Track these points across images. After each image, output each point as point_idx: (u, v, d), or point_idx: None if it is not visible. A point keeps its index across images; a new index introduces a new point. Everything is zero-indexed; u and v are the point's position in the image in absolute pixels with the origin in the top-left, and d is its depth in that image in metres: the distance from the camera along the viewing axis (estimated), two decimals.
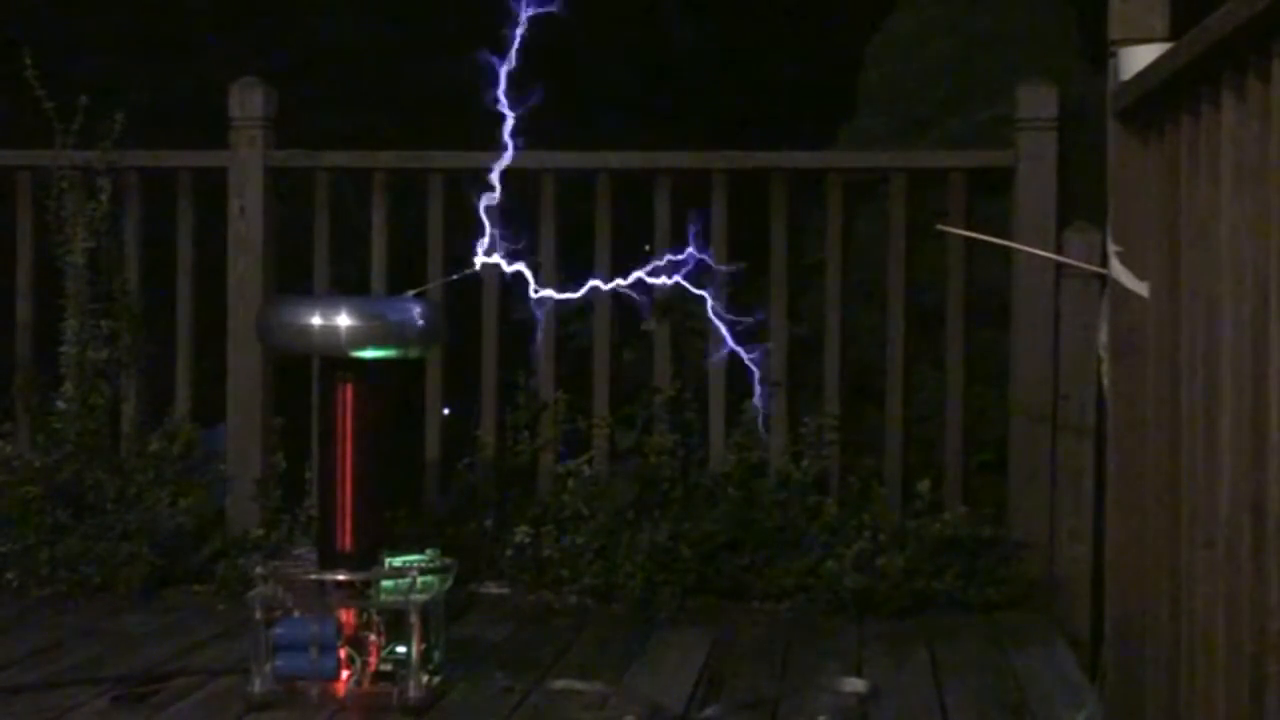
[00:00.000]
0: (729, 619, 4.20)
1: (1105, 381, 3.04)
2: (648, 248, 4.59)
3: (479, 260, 3.62)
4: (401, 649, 3.26)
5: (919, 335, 4.55)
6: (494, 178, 3.62)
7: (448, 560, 3.42)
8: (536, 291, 3.78)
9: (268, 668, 3.25)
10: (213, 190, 4.66)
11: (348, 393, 3.35)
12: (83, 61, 5.93)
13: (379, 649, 3.28)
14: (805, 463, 4.45)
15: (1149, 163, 2.83)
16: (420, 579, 3.29)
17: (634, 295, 3.79)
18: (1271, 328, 1.99)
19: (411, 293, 3.58)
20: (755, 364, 4.04)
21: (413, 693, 3.22)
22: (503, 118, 3.62)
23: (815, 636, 4.01)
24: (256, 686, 3.25)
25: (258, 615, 3.25)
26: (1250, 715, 2.07)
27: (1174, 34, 2.81)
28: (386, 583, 3.28)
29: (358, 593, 3.29)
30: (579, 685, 3.44)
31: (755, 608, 4.31)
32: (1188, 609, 2.46)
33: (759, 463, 4.48)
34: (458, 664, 3.49)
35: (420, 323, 3.39)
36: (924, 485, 4.40)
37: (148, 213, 4.69)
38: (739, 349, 3.88)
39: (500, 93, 3.57)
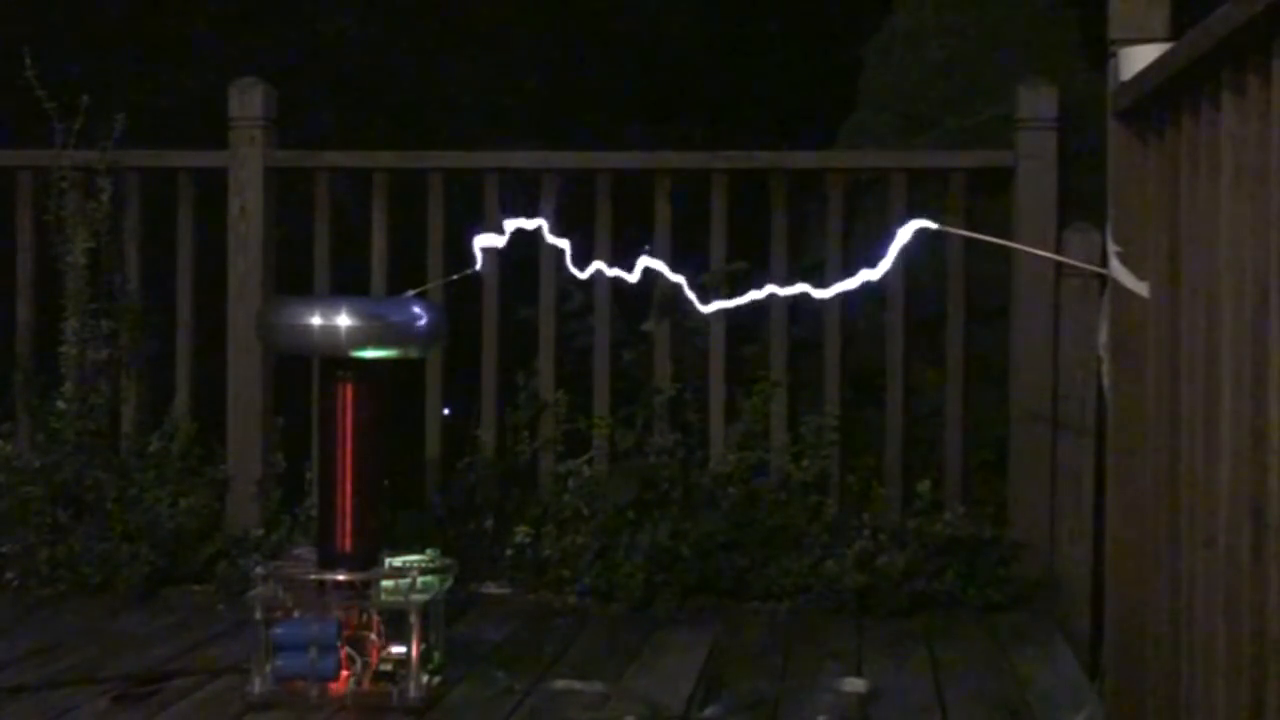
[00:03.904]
0: (729, 619, 4.20)
1: (1105, 381, 3.04)
2: (648, 248, 4.59)
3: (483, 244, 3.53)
4: (401, 649, 3.26)
5: (919, 335, 4.55)
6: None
7: (448, 560, 3.42)
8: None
9: (268, 668, 3.25)
10: (213, 190, 4.66)
11: (348, 393, 3.35)
12: (83, 61, 5.93)
13: (379, 649, 3.28)
14: (805, 463, 4.45)
15: (1149, 163, 2.83)
16: (420, 579, 3.29)
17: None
18: (1271, 328, 1.99)
19: (411, 293, 3.58)
20: None
21: (413, 693, 3.22)
22: (502, 117, 3.59)
23: (815, 636, 4.01)
24: (256, 686, 3.25)
25: (258, 615, 3.25)
26: (1250, 715, 2.07)
27: (1174, 34, 2.82)
28: (386, 583, 3.29)
29: (358, 593, 3.29)
30: (579, 685, 3.44)
31: (755, 608, 4.31)
32: (1188, 609, 2.46)
33: (759, 463, 4.48)
34: (458, 664, 3.49)
35: (420, 323, 3.39)
36: (924, 485, 4.40)
37: (148, 213, 4.69)
38: None
39: None
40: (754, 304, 4.63)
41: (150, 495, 4.49)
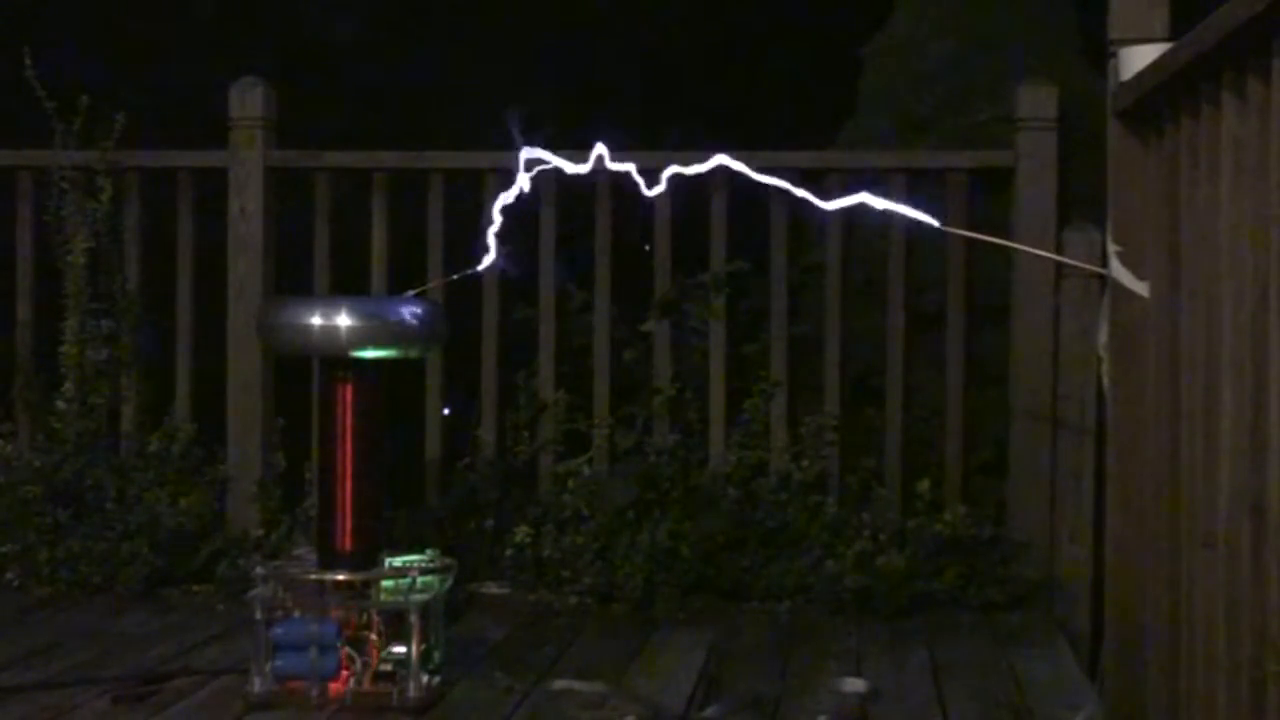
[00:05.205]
0: (729, 619, 4.20)
1: (1105, 381, 3.04)
2: (648, 248, 4.59)
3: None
4: (401, 649, 3.25)
5: (919, 335, 4.55)
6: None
7: (448, 560, 3.42)
8: None
9: (268, 668, 3.25)
10: (213, 190, 4.66)
11: (348, 393, 3.35)
12: (83, 61, 5.92)
13: (379, 649, 3.28)
14: (805, 463, 4.45)
15: (1149, 163, 2.83)
16: (420, 579, 3.29)
17: None
18: (1271, 328, 1.99)
19: (411, 293, 3.57)
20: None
21: (413, 693, 3.22)
22: (503, 117, 3.58)
23: (815, 636, 4.01)
24: (256, 686, 3.25)
25: (258, 615, 3.25)
26: (1250, 715, 2.07)
27: (1174, 34, 2.82)
28: (386, 583, 3.28)
29: (358, 593, 3.29)
30: (579, 685, 3.44)
31: (755, 608, 4.31)
32: (1188, 608, 2.46)
33: (759, 463, 4.48)
34: (458, 664, 3.49)
35: (420, 323, 3.39)
36: (924, 485, 4.40)
37: (148, 213, 4.69)
38: None
39: None
40: (754, 303, 4.65)
41: (150, 495, 4.49)
